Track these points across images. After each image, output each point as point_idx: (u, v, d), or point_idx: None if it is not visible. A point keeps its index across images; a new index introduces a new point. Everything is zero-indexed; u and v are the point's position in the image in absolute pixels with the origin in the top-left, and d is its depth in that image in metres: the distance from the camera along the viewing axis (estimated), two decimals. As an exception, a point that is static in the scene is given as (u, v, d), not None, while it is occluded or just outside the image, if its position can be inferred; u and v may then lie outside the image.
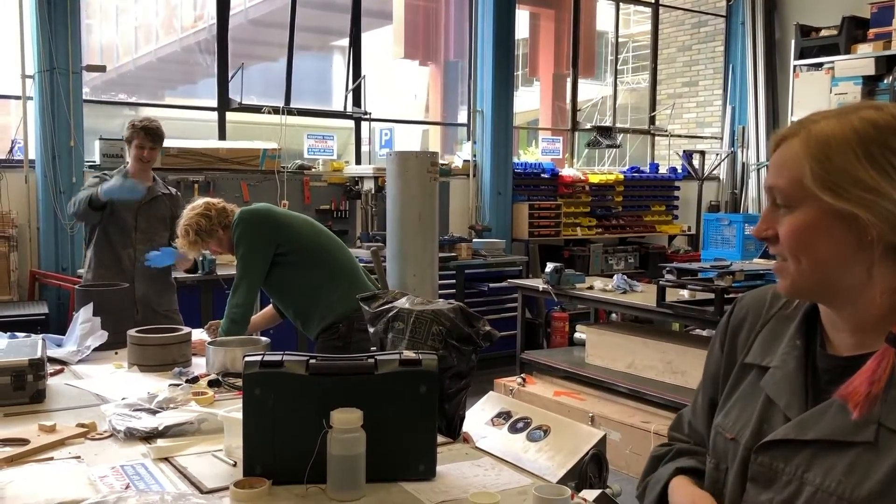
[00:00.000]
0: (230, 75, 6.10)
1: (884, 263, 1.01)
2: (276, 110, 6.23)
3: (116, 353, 2.90)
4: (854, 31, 7.43)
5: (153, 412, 2.12)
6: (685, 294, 4.55)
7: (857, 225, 0.99)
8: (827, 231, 1.00)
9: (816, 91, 7.46)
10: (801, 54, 7.75)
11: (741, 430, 1.12)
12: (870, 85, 7.23)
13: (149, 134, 3.78)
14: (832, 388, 1.04)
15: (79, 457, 1.85)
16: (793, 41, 7.87)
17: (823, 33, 7.68)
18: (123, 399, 2.25)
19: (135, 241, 3.84)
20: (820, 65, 7.62)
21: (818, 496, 1.00)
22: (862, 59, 7.25)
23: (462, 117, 7.63)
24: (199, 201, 3.20)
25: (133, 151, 3.81)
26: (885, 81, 7.15)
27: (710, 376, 1.27)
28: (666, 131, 8.87)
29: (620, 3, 8.52)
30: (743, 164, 8.86)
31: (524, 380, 5.11)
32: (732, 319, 1.25)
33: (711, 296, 4.19)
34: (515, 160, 7.42)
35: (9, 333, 2.95)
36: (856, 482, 0.97)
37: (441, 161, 6.93)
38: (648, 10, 8.89)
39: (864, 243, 0.99)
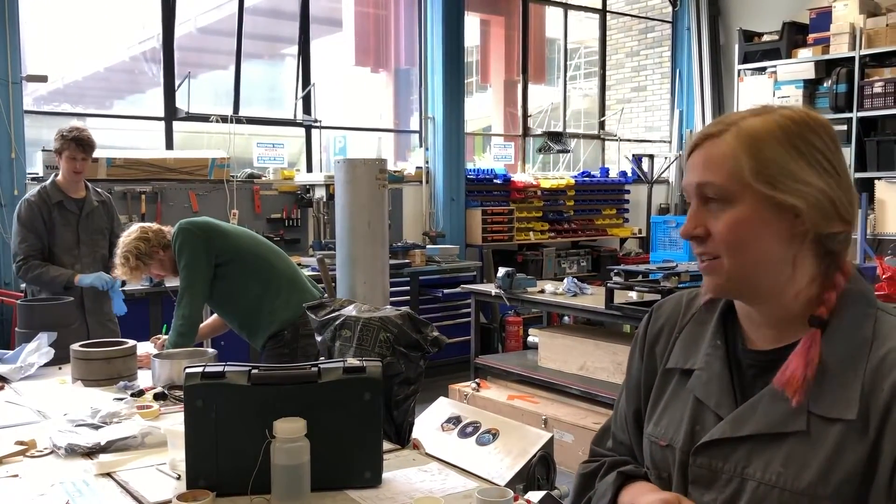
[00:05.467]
0: (177, 84, 6.03)
1: (807, 255, 1.06)
2: (224, 119, 6.18)
3: (60, 369, 2.86)
4: (794, 36, 7.63)
5: (96, 427, 2.09)
6: (633, 296, 4.61)
7: (790, 217, 1.03)
8: (765, 224, 1.03)
9: (760, 95, 7.63)
10: (745, 59, 7.93)
11: (674, 436, 1.14)
12: (810, 88, 7.44)
13: (80, 145, 3.65)
14: (759, 382, 1.08)
15: (17, 475, 1.82)
16: (737, 46, 8.05)
17: (766, 38, 7.87)
18: (66, 415, 2.22)
19: (80, 255, 3.78)
20: (763, 69, 7.81)
21: (761, 490, 1.02)
22: (802, 64, 7.45)
23: (414, 124, 7.65)
24: (134, 227, 3.14)
25: (64, 164, 3.70)
26: (825, 85, 7.35)
27: (632, 386, 1.27)
28: (615, 136, 9.00)
29: (569, 10, 8.63)
30: (691, 166, 9.01)
31: (478, 384, 5.13)
32: (650, 328, 1.26)
33: (658, 297, 4.26)
34: (469, 166, 7.46)
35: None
36: (795, 472, 1.00)
37: (394, 168, 6.95)
38: (596, 16, 9.01)
39: (796, 235, 1.04)
